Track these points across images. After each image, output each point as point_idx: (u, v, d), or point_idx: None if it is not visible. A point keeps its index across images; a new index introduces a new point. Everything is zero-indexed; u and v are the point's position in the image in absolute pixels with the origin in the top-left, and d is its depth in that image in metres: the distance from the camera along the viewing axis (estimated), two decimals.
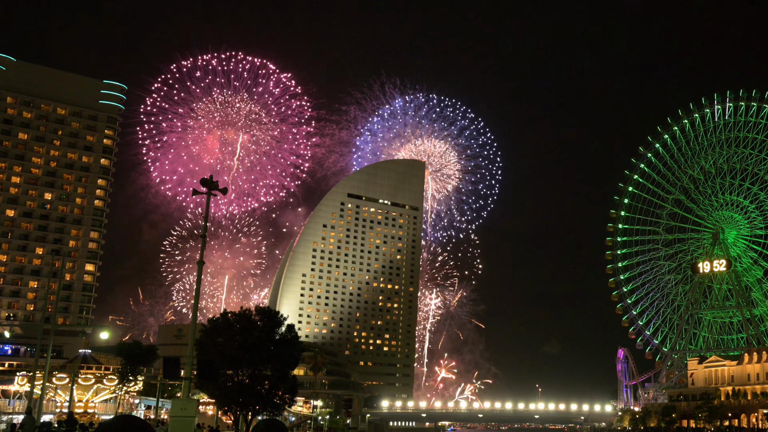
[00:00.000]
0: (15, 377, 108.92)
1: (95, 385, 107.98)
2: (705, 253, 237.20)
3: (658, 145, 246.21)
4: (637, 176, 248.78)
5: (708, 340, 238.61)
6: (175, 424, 44.99)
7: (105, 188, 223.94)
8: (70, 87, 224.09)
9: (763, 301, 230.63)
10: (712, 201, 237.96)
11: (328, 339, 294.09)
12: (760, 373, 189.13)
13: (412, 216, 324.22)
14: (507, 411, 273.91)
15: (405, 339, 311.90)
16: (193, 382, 50.31)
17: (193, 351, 50.12)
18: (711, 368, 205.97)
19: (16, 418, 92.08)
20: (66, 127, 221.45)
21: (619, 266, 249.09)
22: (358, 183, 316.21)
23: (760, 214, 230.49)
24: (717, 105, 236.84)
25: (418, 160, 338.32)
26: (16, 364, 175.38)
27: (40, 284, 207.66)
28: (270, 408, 79.30)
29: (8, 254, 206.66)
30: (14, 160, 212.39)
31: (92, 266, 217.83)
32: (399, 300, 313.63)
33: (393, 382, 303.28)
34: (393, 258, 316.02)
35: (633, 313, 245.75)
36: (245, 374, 77.38)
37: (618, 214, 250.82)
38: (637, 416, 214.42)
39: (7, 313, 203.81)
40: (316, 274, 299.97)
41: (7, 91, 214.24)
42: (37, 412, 72.36)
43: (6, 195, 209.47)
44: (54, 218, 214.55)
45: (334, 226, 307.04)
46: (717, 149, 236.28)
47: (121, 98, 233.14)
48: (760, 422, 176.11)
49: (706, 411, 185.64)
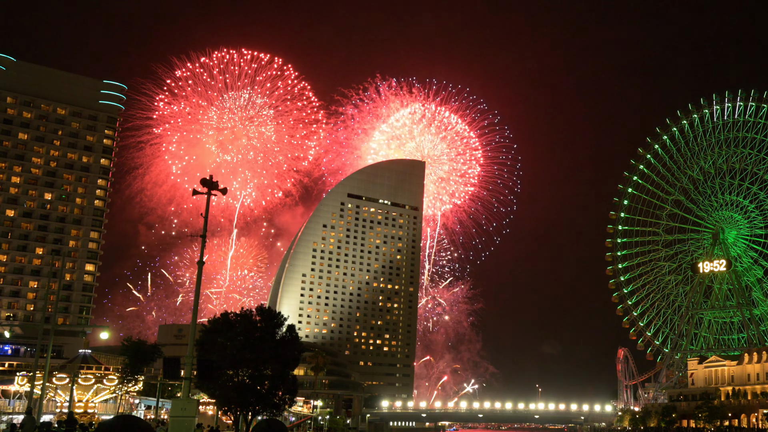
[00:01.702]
0: (15, 377, 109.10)
1: (95, 385, 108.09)
2: (705, 254, 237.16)
3: (657, 147, 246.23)
4: (636, 177, 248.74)
5: (708, 340, 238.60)
6: (175, 424, 45.03)
7: (105, 188, 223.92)
8: (70, 87, 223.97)
9: (763, 300, 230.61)
10: (711, 201, 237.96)
11: (328, 339, 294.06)
12: (760, 373, 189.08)
13: (412, 216, 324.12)
14: (507, 411, 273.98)
15: (405, 339, 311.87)
16: (193, 382, 50.31)
17: (193, 351, 50.13)
18: (711, 368, 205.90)
19: (16, 418, 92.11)
20: (66, 127, 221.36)
21: (620, 267, 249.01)
22: (358, 183, 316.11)
23: (760, 213, 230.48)
24: (716, 105, 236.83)
25: (418, 160, 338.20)
26: (16, 364, 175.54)
27: (40, 284, 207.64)
28: (270, 408, 79.31)
29: (8, 254, 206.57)
30: (14, 160, 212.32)
31: (92, 266, 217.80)
32: (399, 300, 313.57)
33: (393, 382, 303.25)
34: (393, 258, 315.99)
35: (634, 315, 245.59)
36: (245, 374, 77.38)
37: (618, 215, 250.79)
38: (637, 416, 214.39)
39: (7, 313, 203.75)
40: (316, 274, 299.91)
41: (7, 91, 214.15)
42: (37, 412, 72.40)
43: (6, 195, 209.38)
44: (54, 218, 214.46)
45: (334, 226, 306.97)
46: (716, 149, 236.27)
47: (121, 98, 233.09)
48: (760, 422, 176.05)
49: (706, 411, 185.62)
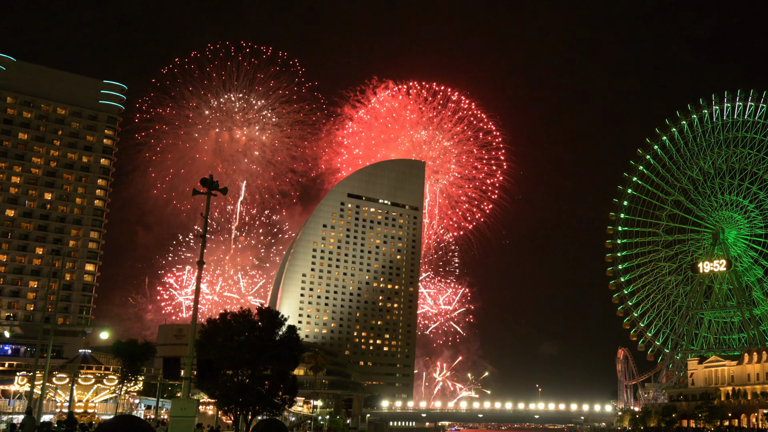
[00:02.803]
0: (15, 377, 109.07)
1: (95, 385, 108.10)
2: (705, 254, 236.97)
3: (656, 147, 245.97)
4: (636, 178, 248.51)
5: (708, 340, 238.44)
6: (175, 424, 45.00)
7: (105, 188, 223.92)
8: (70, 87, 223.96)
9: (763, 300, 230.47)
10: (711, 201, 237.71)
11: (328, 339, 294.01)
12: (760, 373, 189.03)
13: (412, 216, 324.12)
14: (507, 411, 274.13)
15: (405, 339, 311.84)
16: (193, 382, 50.29)
17: (193, 351, 50.12)
18: (711, 368, 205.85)
19: (16, 418, 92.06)
20: (66, 127, 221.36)
21: (620, 269, 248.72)
22: (358, 183, 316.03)
23: (760, 213, 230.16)
24: (715, 105, 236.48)
25: (418, 160, 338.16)
26: (16, 364, 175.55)
27: (40, 284, 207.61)
28: (270, 408, 79.32)
29: (8, 254, 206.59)
30: (14, 160, 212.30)
31: (92, 266, 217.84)
32: (399, 300, 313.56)
33: (393, 382, 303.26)
34: (393, 258, 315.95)
35: (634, 316, 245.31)
36: (245, 374, 77.40)
37: (617, 216, 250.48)
38: (637, 416, 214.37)
39: (7, 313, 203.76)
40: (316, 274, 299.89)
41: (7, 91, 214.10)
42: (37, 412, 72.35)
43: (6, 195, 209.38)
44: (54, 218, 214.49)
45: (334, 226, 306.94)
46: (715, 150, 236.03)
47: (121, 98, 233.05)
48: (760, 422, 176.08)
49: (706, 411, 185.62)
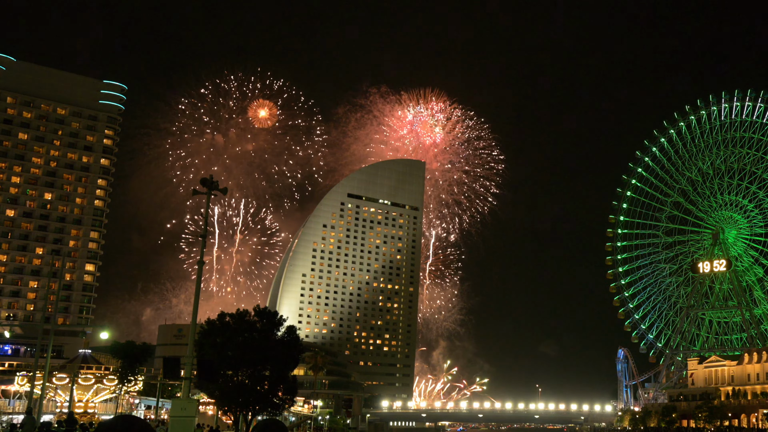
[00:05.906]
0: (15, 377, 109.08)
1: (95, 385, 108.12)
2: (705, 254, 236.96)
3: (655, 149, 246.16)
4: (635, 180, 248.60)
5: (708, 340, 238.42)
6: (175, 424, 45.00)
7: (105, 188, 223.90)
8: (70, 87, 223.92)
9: (764, 300, 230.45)
10: (711, 201, 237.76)
11: (328, 339, 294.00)
12: (760, 373, 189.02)
13: (412, 216, 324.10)
14: (507, 411, 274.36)
15: (405, 339, 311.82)
16: (193, 382, 50.29)
17: (193, 351, 50.12)
18: (711, 368, 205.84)
19: (16, 418, 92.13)
20: (66, 127, 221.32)
21: (620, 271, 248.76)
22: (358, 183, 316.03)
23: (759, 213, 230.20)
24: (713, 106, 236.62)
25: (418, 160, 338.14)
26: (16, 364, 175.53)
27: (40, 284, 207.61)
28: (270, 408, 79.28)
29: (8, 254, 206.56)
30: (14, 160, 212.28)
31: (92, 266, 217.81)
32: (399, 300, 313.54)
33: (393, 382, 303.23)
34: (393, 258, 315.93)
35: (635, 317, 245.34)
36: (245, 374, 77.37)
37: (617, 218, 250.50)
38: (637, 416, 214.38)
39: (7, 313, 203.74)
40: (316, 274, 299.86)
41: (7, 91, 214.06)
42: (37, 412, 72.38)
43: (6, 195, 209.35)
44: (54, 218, 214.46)
45: (334, 226, 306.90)
46: (714, 150, 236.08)
47: (121, 98, 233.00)
48: (760, 422, 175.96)
49: (706, 411, 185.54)
